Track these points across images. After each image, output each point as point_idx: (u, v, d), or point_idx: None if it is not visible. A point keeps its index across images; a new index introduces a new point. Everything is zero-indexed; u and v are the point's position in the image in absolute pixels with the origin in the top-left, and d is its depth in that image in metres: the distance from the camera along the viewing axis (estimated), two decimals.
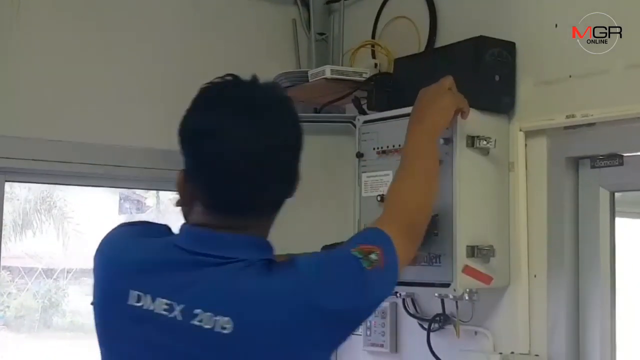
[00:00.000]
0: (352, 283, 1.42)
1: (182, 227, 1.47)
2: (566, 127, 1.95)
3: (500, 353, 2.02)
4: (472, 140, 1.96)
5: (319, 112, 2.46)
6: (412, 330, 2.32)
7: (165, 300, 1.37)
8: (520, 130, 2.04)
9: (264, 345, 1.34)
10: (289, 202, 1.49)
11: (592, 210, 1.96)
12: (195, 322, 1.34)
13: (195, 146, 1.41)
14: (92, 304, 1.50)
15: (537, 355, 2.00)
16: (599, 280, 1.94)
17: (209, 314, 1.34)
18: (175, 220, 1.53)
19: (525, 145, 2.04)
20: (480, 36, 2.02)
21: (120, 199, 4.45)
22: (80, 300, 4.28)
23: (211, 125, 1.39)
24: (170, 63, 2.54)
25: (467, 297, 2.04)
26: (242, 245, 1.40)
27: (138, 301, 1.39)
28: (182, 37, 2.57)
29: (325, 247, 1.82)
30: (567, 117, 1.92)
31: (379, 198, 2.07)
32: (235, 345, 1.33)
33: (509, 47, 2.04)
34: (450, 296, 2.05)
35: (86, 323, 4.29)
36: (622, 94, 1.83)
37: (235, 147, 1.37)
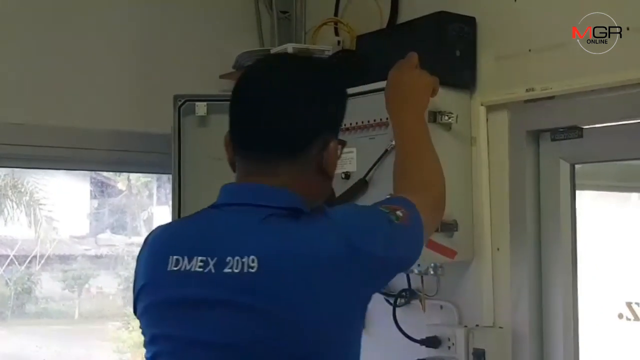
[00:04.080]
0: (381, 231, 1.45)
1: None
2: (526, 101, 1.97)
3: (465, 326, 2.05)
4: (434, 116, 1.97)
5: None
6: (378, 306, 2.31)
7: (200, 257, 1.42)
8: (482, 104, 2.05)
9: (289, 281, 1.35)
10: None
11: (553, 183, 1.98)
12: (227, 270, 1.38)
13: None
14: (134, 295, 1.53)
15: (501, 327, 2.02)
16: (560, 252, 1.96)
17: (237, 258, 1.38)
18: (147, 203, 1.54)
19: (487, 119, 2.06)
20: (441, 12, 2.02)
21: (91, 184, 4.44)
22: (52, 286, 4.27)
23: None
24: (133, 43, 2.51)
25: (432, 272, 2.07)
26: (266, 193, 1.45)
27: (176, 265, 1.44)
28: (145, 17, 2.54)
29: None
30: (527, 90, 1.94)
31: (343, 175, 2.08)
32: (262, 281, 1.36)
33: (469, 22, 2.05)
34: (416, 271, 2.07)
35: (59, 310, 4.28)
36: (581, 67, 1.85)
37: (244, 91, 1.53)
